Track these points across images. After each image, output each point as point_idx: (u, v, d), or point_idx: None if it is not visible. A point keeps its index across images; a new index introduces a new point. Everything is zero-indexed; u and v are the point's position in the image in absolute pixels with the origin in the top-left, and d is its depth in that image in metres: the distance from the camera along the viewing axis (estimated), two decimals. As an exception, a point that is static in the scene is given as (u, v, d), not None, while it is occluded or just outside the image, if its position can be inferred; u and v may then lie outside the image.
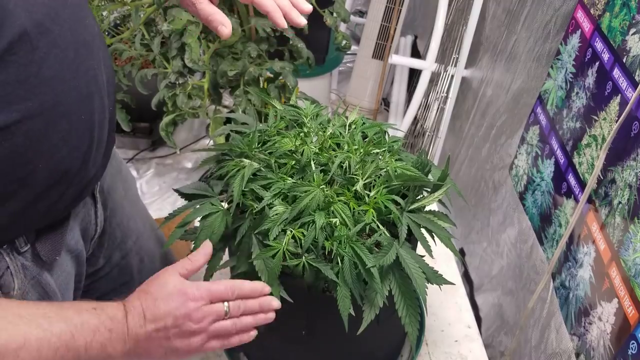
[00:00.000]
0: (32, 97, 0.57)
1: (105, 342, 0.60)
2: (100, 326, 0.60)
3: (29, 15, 0.55)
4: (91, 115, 0.67)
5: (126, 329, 0.62)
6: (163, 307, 0.63)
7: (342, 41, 1.72)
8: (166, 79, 1.57)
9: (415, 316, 0.70)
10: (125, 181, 1.00)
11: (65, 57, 0.61)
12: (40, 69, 0.58)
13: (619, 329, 0.76)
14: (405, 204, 0.73)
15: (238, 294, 0.68)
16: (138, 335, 0.62)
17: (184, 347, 0.65)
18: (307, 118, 0.86)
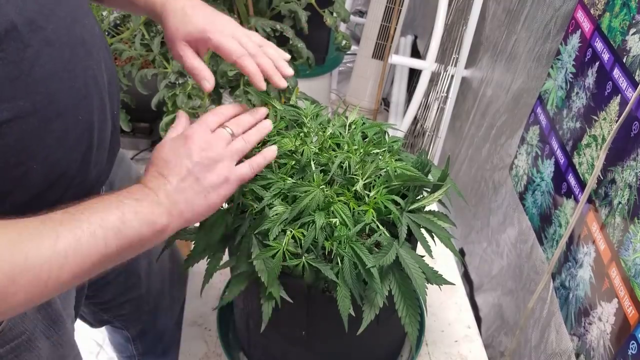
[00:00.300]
0: (24, 96, 0.56)
1: (139, 208, 0.56)
2: (123, 199, 0.56)
3: (18, 11, 0.54)
4: (90, 116, 0.66)
5: (152, 192, 0.59)
6: (173, 158, 0.61)
7: (342, 41, 1.72)
8: (166, 79, 1.57)
9: (415, 316, 0.70)
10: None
11: (60, 55, 0.60)
12: (33, 67, 0.56)
13: (618, 329, 0.76)
14: (405, 204, 0.73)
15: (226, 114, 0.67)
16: (168, 192, 0.59)
17: (215, 179, 0.62)
18: (307, 118, 0.86)
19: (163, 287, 1.09)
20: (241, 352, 0.95)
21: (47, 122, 0.60)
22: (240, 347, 0.96)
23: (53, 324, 0.75)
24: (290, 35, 1.58)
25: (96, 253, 0.52)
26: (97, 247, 0.52)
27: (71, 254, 0.50)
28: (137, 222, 0.56)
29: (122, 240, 0.54)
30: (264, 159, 0.67)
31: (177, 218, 0.59)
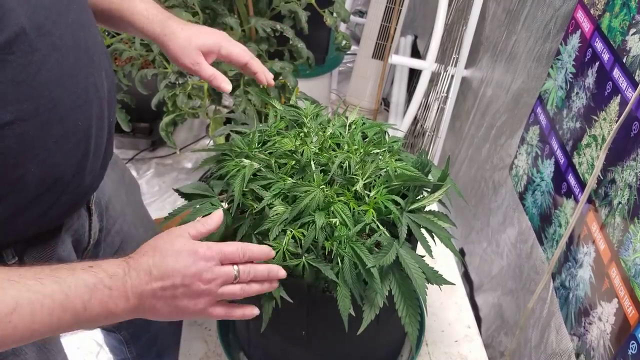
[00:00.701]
0: (28, 99, 0.57)
1: (106, 299, 0.57)
2: (99, 284, 0.56)
3: (28, 16, 0.55)
4: (88, 122, 0.66)
5: (128, 286, 0.58)
6: (172, 264, 0.60)
7: (342, 41, 1.72)
8: (166, 79, 1.57)
9: (415, 316, 0.70)
10: (129, 188, 0.99)
11: (65, 61, 0.61)
12: (39, 71, 0.57)
13: (618, 329, 0.76)
14: (405, 204, 0.73)
15: (249, 256, 0.65)
16: (143, 292, 0.59)
17: (190, 307, 0.62)
18: (307, 118, 0.86)
19: None
20: (241, 352, 0.95)
21: (48, 126, 0.60)
22: (240, 347, 0.96)
23: (44, 343, 0.75)
24: (290, 35, 1.58)
25: (42, 325, 0.54)
26: (47, 321, 0.54)
27: (17, 320, 0.52)
28: (98, 309, 0.57)
29: (74, 319, 0.56)
30: (242, 315, 0.68)
31: (136, 314, 0.61)
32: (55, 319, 0.54)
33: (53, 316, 0.54)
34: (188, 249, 0.61)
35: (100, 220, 0.87)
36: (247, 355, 0.94)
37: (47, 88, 0.59)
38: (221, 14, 1.51)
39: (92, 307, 0.56)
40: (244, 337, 0.93)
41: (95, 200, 0.84)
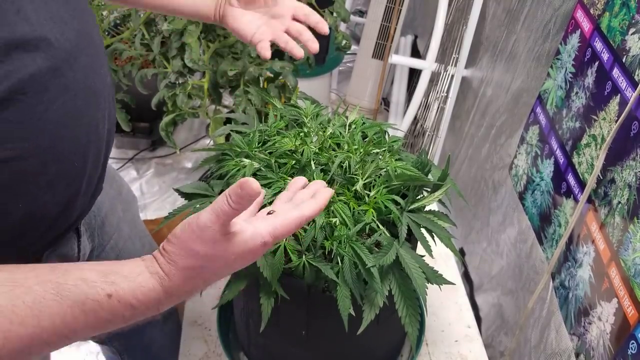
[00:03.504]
0: (31, 138, 0.55)
1: (131, 312, 0.50)
2: (121, 299, 0.49)
3: (47, 58, 0.54)
4: (84, 163, 0.65)
5: (161, 296, 0.50)
6: (220, 261, 0.50)
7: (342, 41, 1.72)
8: (166, 79, 1.57)
9: (415, 316, 0.71)
10: (125, 202, 0.98)
11: (73, 103, 0.59)
12: (46, 111, 0.55)
13: (618, 328, 0.76)
14: (405, 204, 0.73)
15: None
16: (176, 293, 0.51)
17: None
18: (307, 118, 0.86)
19: None
20: (241, 352, 0.96)
21: (45, 165, 0.58)
22: (240, 347, 0.96)
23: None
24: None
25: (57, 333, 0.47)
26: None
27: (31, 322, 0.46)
28: (110, 315, 0.50)
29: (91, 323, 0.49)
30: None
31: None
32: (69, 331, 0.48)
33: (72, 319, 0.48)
34: (252, 246, 0.52)
35: (92, 240, 0.85)
36: (247, 355, 0.95)
37: (50, 129, 0.57)
38: (221, 13, 1.51)
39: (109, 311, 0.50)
40: (244, 337, 0.93)
41: (86, 220, 0.81)
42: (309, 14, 0.84)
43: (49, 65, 0.54)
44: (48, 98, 0.55)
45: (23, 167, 0.55)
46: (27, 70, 0.51)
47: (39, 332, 0.45)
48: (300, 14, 0.84)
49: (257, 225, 0.52)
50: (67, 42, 0.57)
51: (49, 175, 0.59)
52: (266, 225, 0.52)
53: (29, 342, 0.45)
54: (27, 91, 0.52)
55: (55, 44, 0.55)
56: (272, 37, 0.82)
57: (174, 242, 0.50)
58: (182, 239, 0.50)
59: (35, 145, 0.55)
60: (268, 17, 0.83)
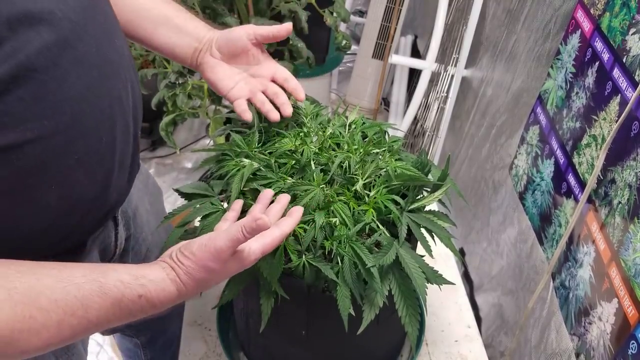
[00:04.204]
0: (49, 116, 0.55)
1: (148, 306, 0.58)
2: (144, 298, 0.58)
3: (53, 30, 0.53)
4: (112, 138, 0.64)
5: (175, 294, 0.60)
6: (219, 270, 0.61)
7: (342, 41, 1.72)
8: (166, 79, 1.57)
9: (415, 316, 0.70)
10: (152, 195, 0.98)
11: (88, 76, 0.58)
12: (60, 87, 0.55)
13: (618, 328, 0.76)
14: (405, 204, 0.73)
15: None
16: (188, 294, 0.61)
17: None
18: (307, 118, 0.86)
19: None
20: (241, 352, 0.95)
21: (70, 143, 0.58)
22: (240, 347, 0.96)
23: (66, 349, 0.75)
24: (290, 35, 1.58)
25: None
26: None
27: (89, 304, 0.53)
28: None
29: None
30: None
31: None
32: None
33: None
34: (234, 256, 0.61)
35: (127, 229, 0.86)
36: (247, 355, 0.94)
37: (69, 104, 0.56)
38: (221, 13, 1.51)
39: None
40: (244, 337, 0.93)
41: (122, 209, 0.82)
42: (288, 79, 0.82)
43: (55, 38, 0.53)
44: (61, 73, 0.55)
45: (48, 146, 0.56)
46: (33, 45, 0.51)
47: (85, 322, 0.53)
48: (279, 78, 0.82)
49: (251, 246, 0.62)
50: (72, 13, 0.56)
51: (77, 153, 0.59)
52: (257, 245, 0.62)
53: (76, 331, 0.53)
54: (37, 67, 0.52)
55: (59, 14, 0.54)
56: (249, 95, 0.80)
57: (191, 258, 0.59)
58: (200, 258, 0.59)
59: (57, 122, 0.56)
60: (247, 74, 0.81)
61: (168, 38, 0.80)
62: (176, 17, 0.81)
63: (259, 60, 0.82)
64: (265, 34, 0.80)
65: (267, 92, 0.81)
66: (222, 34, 0.80)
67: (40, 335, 0.50)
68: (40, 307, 0.50)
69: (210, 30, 0.82)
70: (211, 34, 0.81)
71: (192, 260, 0.59)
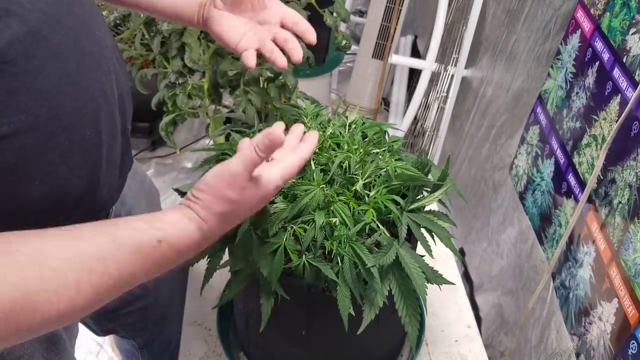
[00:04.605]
0: (26, 110, 0.53)
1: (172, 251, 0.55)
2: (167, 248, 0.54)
3: (23, 21, 0.52)
4: (97, 132, 0.63)
5: (200, 236, 0.56)
6: (246, 203, 0.58)
7: (342, 41, 1.72)
8: (166, 79, 1.57)
9: (415, 316, 0.70)
10: (149, 195, 0.97)
11: (66, 68, 0.57)
12: (36, 79, 0.53)
13: (619, 328, 0.76)
14: (405, 204, 0.73)
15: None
16: (213, 234, 0.58)
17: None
18: (307, 118, 0.86)
19: (172, 297, 1.08)
20: (241, 352, 0.95)
21: (50, 137, 0.57)
22: (240, 347, 0.96)
23: (52, 345, 0.73)
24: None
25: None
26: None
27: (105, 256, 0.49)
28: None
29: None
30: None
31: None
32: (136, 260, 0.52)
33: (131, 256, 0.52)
34: (265, 190, 0.58)
35: None
36: (247, 355, 0.94)
37: (46, 98, 0.55)
38: (221, 13, 1.51)
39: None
40: (244, 337, 0.93)
41: (115, 212, 0.81)
42: (297, 22, 0.78)
43: (26, 29, 0.52)
44: (35, 65, 0.53)
45: (28, 141, 0.54)
46: (3, 38, 0.50)
47: (107, 278, 0.49)
48: (288, 21, 0.78)
49: (269, 171, 0.58)
50: (44, 4, 0.54)
51: (58, 148, 0.58)
52: (276, 170, 0.59)
53: (99, 289, 0.49)
54: (9, 60, 0.50)
55: (27, 5, 0.52)
56: (258, 46, 0.76)
57: (206, 190, 0.55)
58: (216, 187, 0.55)
59: (35, 116, 0.54)
60: (255, 22, 0.77)
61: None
62: None
63: (265, 4, 0.77)
64: None
65: (276, 39, 0.76)
66: None
67: (58, 297, 0.46)
68: (51, 267, 0.46)
69: None
70: None
71: (207, 192, 0.56)
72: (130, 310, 1.00)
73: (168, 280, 1.05)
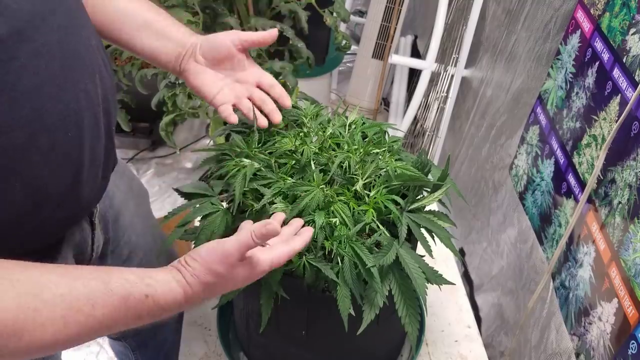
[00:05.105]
0: (8, 110, 0.53)
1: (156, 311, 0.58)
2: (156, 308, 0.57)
3: (5, 21, 0.51)
4: (80, 132, 0.62)
5: (183, 302, 0.59)
6: (230, 280, 0.61)
7: (342, 41, 1.72)
8: (166, 79, 1.57)
9: (415, 316, 0.70)
10: (138, 197, 0.97)
11: (49, 69, 0.57)
12: (19, 80, 0.53)
13: (619, 329, 0.76)
14: (405, 204, 0.73)
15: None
16: (196, 300, 0.60)
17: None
18: (307, 118, 0.86)
19: None
20: (241, 352, 0.95)
21: (33, 138, 0.56)
22: (240, 347, 0.96)
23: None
24: (290, 35, 1.58)
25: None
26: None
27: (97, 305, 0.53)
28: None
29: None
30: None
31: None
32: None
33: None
34: (247, 267, 0.62)
35: (106, 232, 0.84)
36: (247, 355, 0.94)
37: (29, 98, 0.55)
38: (221, 13, 1.51)
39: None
40: (244, 337, 0.93)
41: (100, 212, 0.81)
42: (273, 85, 0.81)
43: (9, 29, 0.51)
44: (18, 66, 0.53)
45: (9, 142, 0.54)
46: None
47: (92, 320, 0.52)
48: (265, 84, 0.81)
49: (260, 257, 0.62)
50: (28, 3, 0.54)
51: (40, 148, 0.58)
52: (268, 257, 0.63)
53: (83, 329, 0.52)
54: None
55: (12, 5, 0.52)
56: (235, 101, 0.78)
57: (198, 260, 0.59)
58: (207, 260, 0.59)
59: (16, 117, 0.54)
60: (232, 79, 0.80)
61: (150, 43, 0.78)
62: (158, 22, 0.79)
63: (244, 66, 0.80)
64: (250, 40, 0.79)
65: (253, 98, 0.80)
66: (206, 40, 0.79)
67: (45, 329, 0.49)
68: (44, 299, 0.49)
69: (194, 35, 0.80)
70: (194, 39, 0.79)
71: (199, 262, 0.59)
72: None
73: None
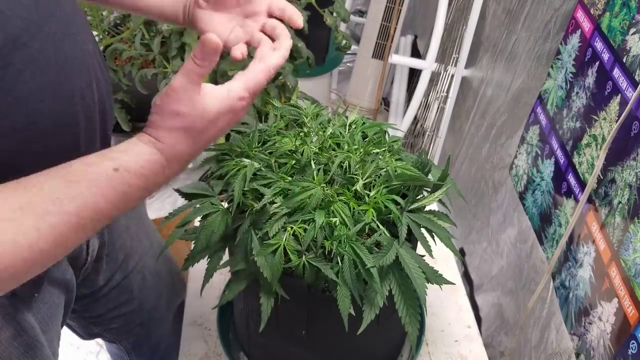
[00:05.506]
0: (3, 116, 0.52)
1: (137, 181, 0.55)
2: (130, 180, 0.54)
3: (2, 29, 0.50)
4: (75, 137, 0.62)
5: (164, 161, 0.57)
6: (211, 130, 0.58)
7: (342, 41, 1.72)
8: (166, 79, 1.57)
9: (415, 316, 0.70)
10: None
11: (45, 74, 0.56)
12: (14, 86, 0.52)
13: (619, 328, 0.76)
14: (405, 204, 0.73)
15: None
16: (180, 159, 0.58)
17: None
18: (307, 118, 0.86)
19: (158, 301, 1.07)
20: (241, 352, 0.95)
21: (27, 143, 0.56)
22: (240, 347, 0.96)
23: (29, 349, 0.71)
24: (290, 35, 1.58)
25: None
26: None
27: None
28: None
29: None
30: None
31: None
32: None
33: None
34: (230, 107, 0.58)
35: (101, 236, 0.84)
36: (247, 355, 0.94)
37: (24, 104, 0.54)
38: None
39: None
40: (244, 337, 0.93)
41: None
42: (284, 8, 0.75)
43: (4, 36, 0.51)
44: (13, 72, 0.52)
45: (2, 147, 0.53)
46: None
47: (67, 217, 0.49)
48: (275, 9, 0.75)
49: (230, 83, 0.57)
50: (24, 10, 0.53)
51: (34, 155, 0.57)
52: (238, 81, 0.58)
53: (61, 229, 0.49)
54: None
55: (7, 12, 0.51)
56: (247, 39, 0.74)
57: (155, 111, 0.56)
58: (162, 106, 0.56)
59: (10, 123, 0.53)
60: (242, 17, 0.75)
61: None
62: None
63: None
64: None
65: (265, 29, 0.74)
66: None
67: (19, 244, 0.46)
68: (4, 218, 0.46)
69: None
70: None
71: (156, 112, 0.56)
72: (115, 316, 1.00)
73: (155, 284, 1.04)
